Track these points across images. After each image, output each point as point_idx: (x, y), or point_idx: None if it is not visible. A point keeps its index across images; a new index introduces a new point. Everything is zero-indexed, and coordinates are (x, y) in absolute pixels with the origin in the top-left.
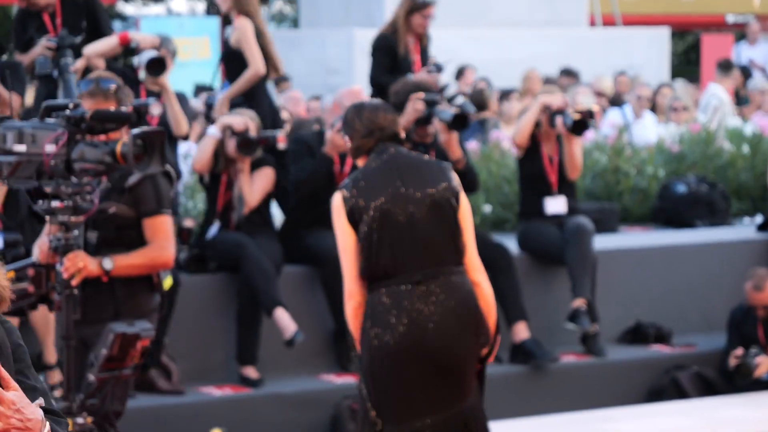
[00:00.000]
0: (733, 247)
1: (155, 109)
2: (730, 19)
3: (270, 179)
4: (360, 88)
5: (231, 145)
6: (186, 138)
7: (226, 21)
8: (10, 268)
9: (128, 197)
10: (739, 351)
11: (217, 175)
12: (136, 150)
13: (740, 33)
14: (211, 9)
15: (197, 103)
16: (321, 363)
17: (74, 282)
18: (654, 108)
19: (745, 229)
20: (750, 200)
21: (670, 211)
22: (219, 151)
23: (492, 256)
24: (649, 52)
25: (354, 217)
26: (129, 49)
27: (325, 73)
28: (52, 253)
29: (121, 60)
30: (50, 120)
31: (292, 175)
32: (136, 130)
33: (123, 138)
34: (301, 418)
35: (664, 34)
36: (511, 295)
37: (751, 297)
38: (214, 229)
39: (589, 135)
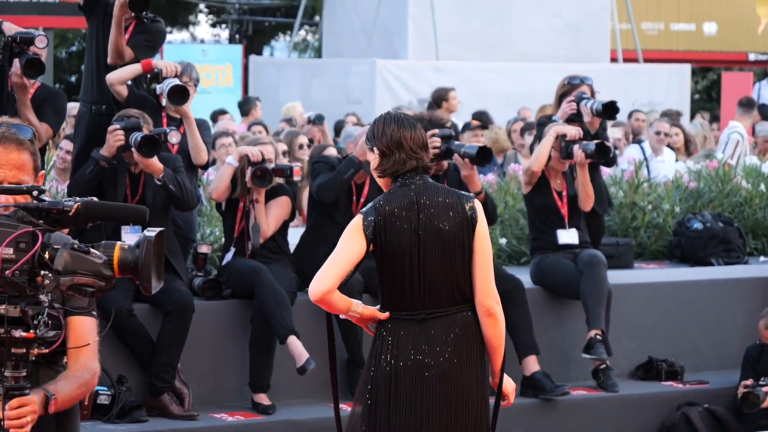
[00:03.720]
0: (748, 284)
1: (174, 138)
2: (752, 57)
3: (286, 208)
4: None
5: (248, 175)
6: (206, 167)
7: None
8: None
9: None
10: (749, 381)
11: (234, 202)
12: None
13: (762, 71)
14: (234, 37)
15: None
16: None
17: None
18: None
19: (760, 267)
20: (766, 238)
21: (686, 247)
22: (237, 176)
23: (505, 288)
24: (670, 89)
25: (372, 239)
26: (153, 76)
27: (347, 102)
28: None
29: (144, 86)
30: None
31: (312, 187)
32: (156, 230)
33: (120, 242)
34: None
35: (685, 70)
36: (523, 328)
37: (765, 335)
38: (229, 255)
39: (606, 170)
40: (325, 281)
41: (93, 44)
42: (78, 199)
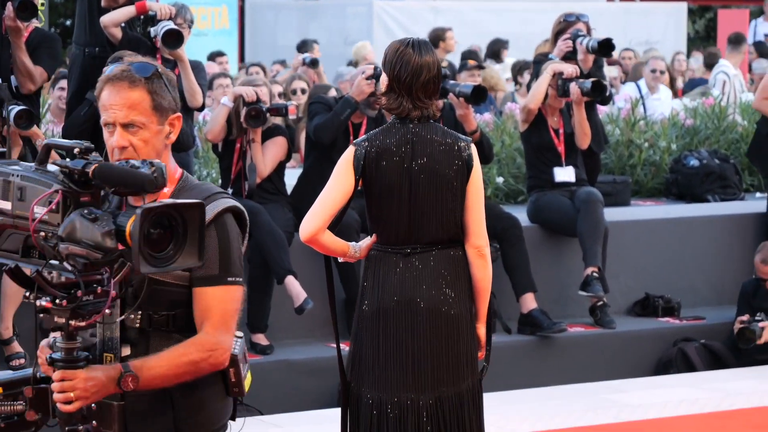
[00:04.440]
0: (744, 220)
1: None
2: None
3: (283, 148)
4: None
5: (243, 115)
6: (201, 109)
7: None
8: None
9: None
10: (745, 317)
11: (231, 143)
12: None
13: (758, 8)
14: None
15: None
16: (330, 331)
17: (68, 408)
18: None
19: (756, 203)
20: (762, 175)
21: (682, 184)
22: (233, 118)
23: (502, 227)
24: (667, 27)
25: (360, 174)
26: (147, 18)
27: (344, 44)
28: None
29: (139, 28)
30: (51, 167)
31: (309, 128)
32: (167, 201)
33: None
34: (310, 385)
35: (681, 9)
36: (520, 266)
37: (760, 270)
38: None
39: (602, 108)
40: (313, 221)
41: None
42: (97, 159)
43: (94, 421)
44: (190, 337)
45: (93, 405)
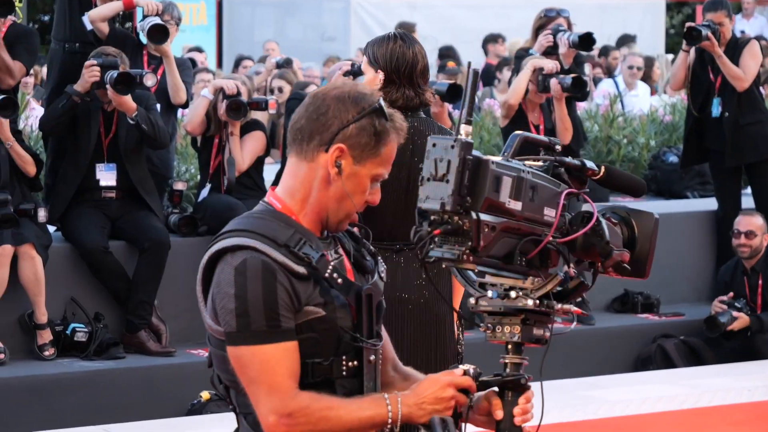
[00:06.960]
0: None
1: (149, 81)
2: None
3: (261, 143)
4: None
5: (222, 108)
6: (185, 106)
7: None
8: None
9: None
10: (725, 299)
11: (210, 138)
12: None
13: (736, 5)
14: None
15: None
16: None
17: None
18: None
19: None
20: None
21: (661, 181)
22: (211, 114)
23: None
24: (644, 23)
25: None
26: (125, 15)
27: (321, 40)
28: None
29: (118, 24)
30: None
31: (287, 124)
32: None
33: None
34: None
35: (659, 5)
36: None
37: (739, 250)
38: (205, 192)
39: (581, 104)
40: None
41: None
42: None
43: None
44: None
45: None
